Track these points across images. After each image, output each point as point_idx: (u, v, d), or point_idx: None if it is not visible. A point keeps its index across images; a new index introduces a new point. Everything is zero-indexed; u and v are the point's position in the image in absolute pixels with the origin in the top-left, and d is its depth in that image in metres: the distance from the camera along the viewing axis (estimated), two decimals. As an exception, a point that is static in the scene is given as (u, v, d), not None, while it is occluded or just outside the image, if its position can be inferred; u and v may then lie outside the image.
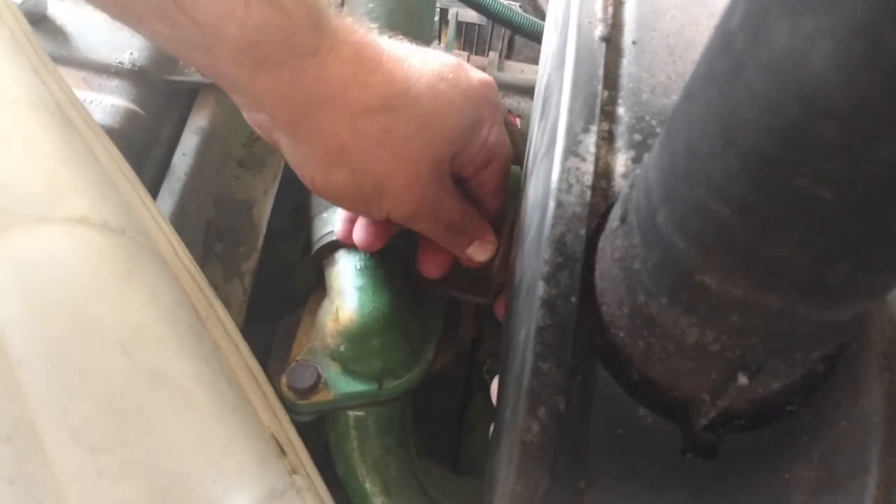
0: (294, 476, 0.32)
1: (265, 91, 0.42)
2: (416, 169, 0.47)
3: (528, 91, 1.02)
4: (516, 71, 1.04)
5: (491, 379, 0.79)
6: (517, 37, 1.21)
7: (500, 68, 1.02)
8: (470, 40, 1.24)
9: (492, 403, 0.51)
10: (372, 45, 0.45)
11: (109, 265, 0.32)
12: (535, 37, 0.98)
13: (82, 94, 0.59)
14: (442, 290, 0.64)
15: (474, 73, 0.50)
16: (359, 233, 0.57)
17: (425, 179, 0.48)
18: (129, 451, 0.29)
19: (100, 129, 0.39)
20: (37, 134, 0.35)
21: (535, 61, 0.98)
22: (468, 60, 1.02)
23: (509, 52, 1.28)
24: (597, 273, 0.32)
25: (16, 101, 0.35)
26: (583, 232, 0.33)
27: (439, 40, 1.24)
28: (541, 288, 0.32)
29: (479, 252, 0.55)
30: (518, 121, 0.96)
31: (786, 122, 0.20)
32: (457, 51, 1.09)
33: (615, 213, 0.31)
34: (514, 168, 0.89)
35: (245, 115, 0.49)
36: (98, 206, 0.34)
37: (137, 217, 0.36)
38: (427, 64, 0.47)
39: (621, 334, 0.31)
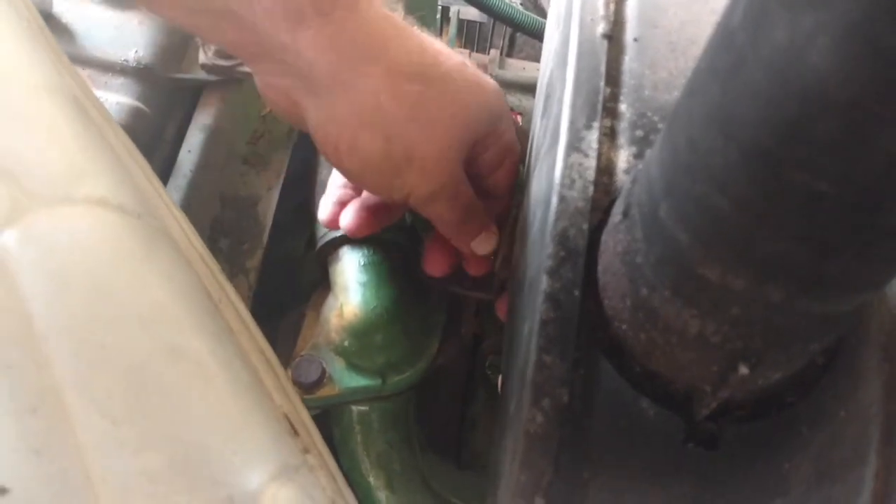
0: (307, 455, 0.33)
1: (308, 44, 0.42)
2: (448, 143, 0.47)
3: (529, 89, 1.02)
4: (518, 68, 1.05)
5: (493, 375, 0.80)
6: (518, 34, 1.22)
7: (502, 66, 1.02)
8: (471, 38, 1.24)
9: (494, 399, 0.51)
10: (399, 16, 0.46)
11: (127, 246, 0.33)
12: (537, 34, 0.98)
13: (88, 92, 0.59)
14: (444, 287, 0.65)
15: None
16: (348, 215, 0.56)
17: (453, 155, 0.48)
18: (150, 422, 0.30)
19: (113, 119, 0.40)
20: (57, 119, 0.36)
21: (537, 59, 0.99)
22: (469, 57, 1.02)
23: (510, 50, 1.28)
24: (599, 267, 0.33)
25: (36, 87, 0.36)
26: (585, 227, 0.34)
27: (441, 37, 1.24)
28: (544, 282, 0.33)
29: (483, 244, 0.55)
30: (520, 118, 0.96)
31: (785, 118, 0.20)
32: (458, 48, 1.10)
33: (618, 208, 0.32)
34: (516, 165, 0.89)
35: (263, 86, 0.48)
36: (115, 190, 0.35)
37: (151, 203, 0.37)
38: (449, 49, 0.48)
39: (624, 327, 0.32)
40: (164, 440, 0.30)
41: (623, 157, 0.36)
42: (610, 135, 0.37)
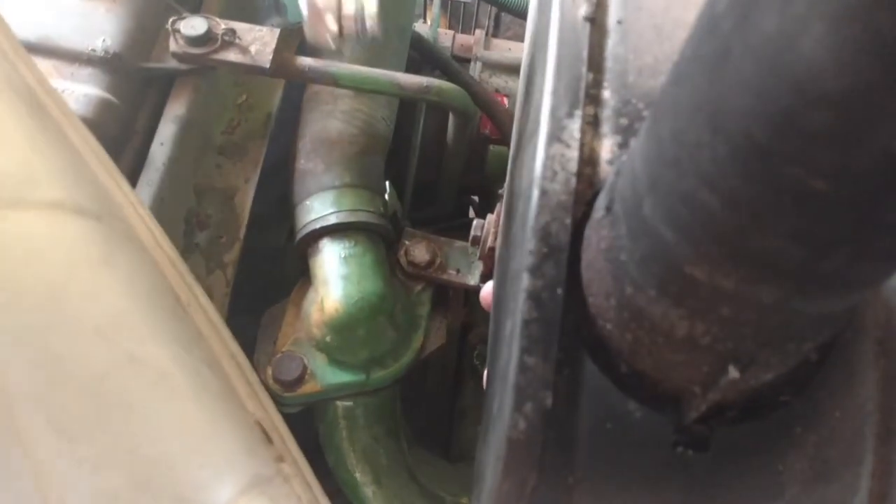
0: (281, 464, 0.32)
1: None
2: None
3: (515, 70, 1.01)
4: (503, 49, 1.03)
5: (482, 365, 0.79)
6: (504, 14, 1.19)
7: (487, 46, 1.00)
8: (456, 17, 1.22)
9: (483, 389, 0.50)
10: None
11: (85, 250, 0.31)
12: (522, 14, 0.96)
13: (53, 84, 0.57)
14: (428, 277, 0.63)
15: None
16: None
17: None
18: (110, 438, 0.28)
19: (74, 115, 0.38)
20: (8, 119, 0.34)
21: (523, 39, 0.97)
22: (454, 38, 1.00)
23: (496, 30, 1.26)
24: (583, 263, 0.31)
25: (-15, 84, 0.34)
26: (568, 221, 0.32)
27: (424, 18, 1.22)
28: (526, 280, 0.31)
29: None
30: (506, 100, 0.94)
31: (776, 110, 0.19)
32: (442, 29, 1.07)
33: (601, 202, 0.30)
34: (502, 149, 0.88)
35: None
36: (73, 192, 0.33)
37: (114, 203, 0.36)
38: None
39: (609, 326, 0.30)
40: (124, 457, 0.28)
41: (607, 147, 0.34)
42: (593, 123, 0.35)
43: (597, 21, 0.38)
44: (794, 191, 0.20)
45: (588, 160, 0.34)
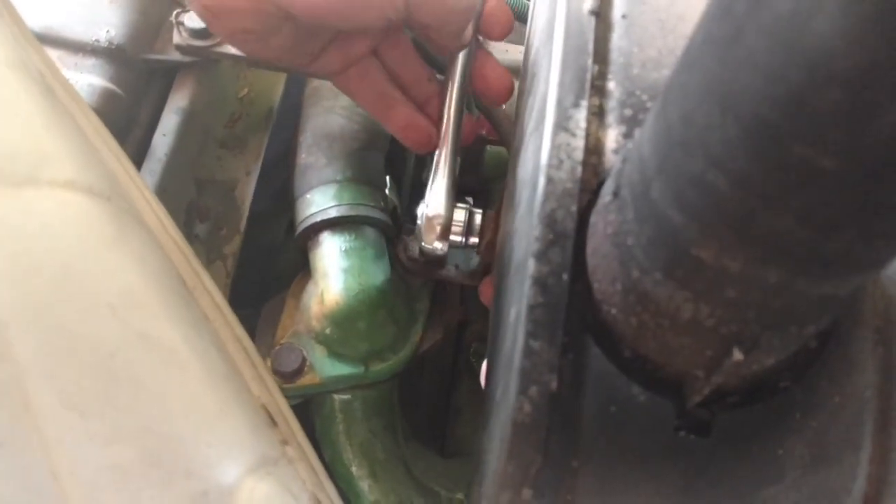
0: (286, 447, 0.32)
1: None
2: None
3: (513, 71, 1.01)
4: (500, 51, 1.03)
5: (478, 362, 0.79)
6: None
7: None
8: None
9: (479, 386, 0.50)
10: None
11: (96, 229, 0.31)
12: (520, 16, 0.97)
13: (57, 73, 0.57)
14: (428, 272, 0.64)
15: None
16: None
17: None
18: (121, 414, 0.28)
19: (82, 99, 0.38)
20: (20, 97, 0.34)
21: (520, 42, 0.98)
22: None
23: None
24: (588, 250, 0.32)
25: (-1, 63, 0.34)
26: (574, 208, 0.33)
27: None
28: (531, 266, 0.32)
29: None
30: (503, 102, 0.95)
31: (787, 89, 0.19)
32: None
33: (607, 188, 0.31)
34: (499, 150, 0.88)
35: None
36: (83, 172, 0.33)
37: (122, 186, 0.36)
38: None
39: (614, 311, 0.31)
40: (135, 433, 0.28)
41: (612, 137, 0.35)
42: (598, 114, 0.35)
43: (602, 15, 0.39)
44: (802, 170, 0.20)
45: (593, 149, 0.34)
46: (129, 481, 0.29)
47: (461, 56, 0.58)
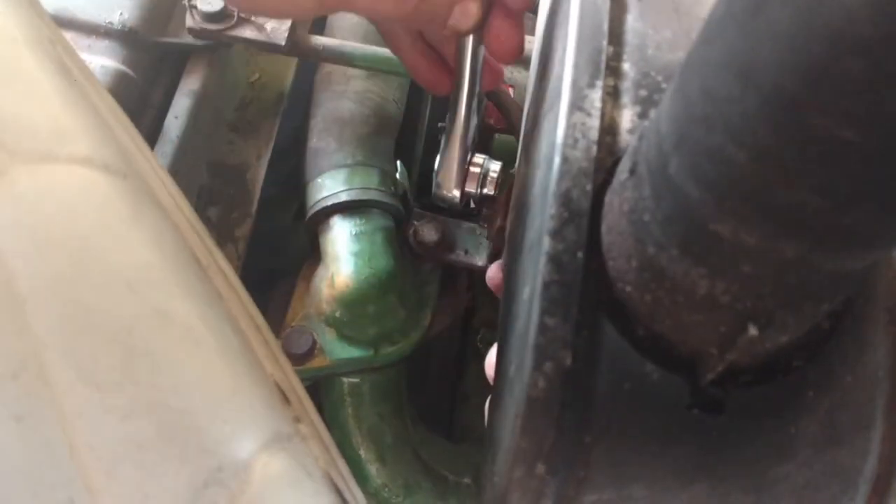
0: (299, 424, 0.32)
1: None
2: None
3: (520, 61, 1.01)
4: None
5: (485, 348, 0.79)
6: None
7: (494, 36, 1.00)
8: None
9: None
10: None
11: (113, 205, 0.32)
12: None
13: (71, 55, 0.57)
14: (437, 257, 0.64)
15: None
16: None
17: None
18: (138, 388, 0.29)
19: (97, 80, 0.38)
20: (38, 74, 0.34)
21: (529, 32, 0.97)
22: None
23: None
24: (603, 228, 0.32)
25: (15, 40, 0.34)
26: (589, 187, 0.33)
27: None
28: (546, 243, 0.32)
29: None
30: (511, 90, 0.95)
31: (809, 59, 0.19)
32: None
33: (623, 166, 0.31)
34: (508, 138, 0.88)
35: None
36: (100, 150, 0.33)
37: (137, 165, 0.36)
38: None
39: (628, 288, 0.31)
40: (151, 407, 0.29)
41: (627, 117, 0.35)
42: (613, 94, 0.36)
43: (617, -3, 0.39)
44: (822, 142, 0.20)
45: (608, 129, 0.34)
46: (146, 455, 0.29)
47: None
